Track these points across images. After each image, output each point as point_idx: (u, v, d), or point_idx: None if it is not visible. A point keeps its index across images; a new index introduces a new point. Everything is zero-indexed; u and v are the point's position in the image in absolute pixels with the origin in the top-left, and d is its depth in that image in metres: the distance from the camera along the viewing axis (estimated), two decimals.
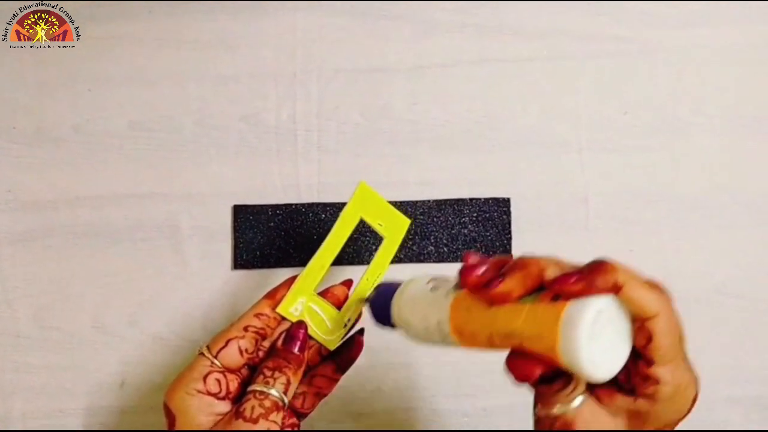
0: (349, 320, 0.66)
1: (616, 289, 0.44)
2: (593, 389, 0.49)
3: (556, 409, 0.48)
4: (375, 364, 0.81)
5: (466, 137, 0.83)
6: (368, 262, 0.76)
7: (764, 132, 0.84)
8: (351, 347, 0.65)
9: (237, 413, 0.56)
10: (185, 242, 0.82)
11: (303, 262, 0.79)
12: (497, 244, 0.82)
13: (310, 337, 0.63)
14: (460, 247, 0.82)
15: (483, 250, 0.82)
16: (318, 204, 0.82)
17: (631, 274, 0.45)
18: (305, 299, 0.63)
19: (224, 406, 0.59)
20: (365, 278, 0.67)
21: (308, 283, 0.63)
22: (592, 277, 0.44)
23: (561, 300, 0.44)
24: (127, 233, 0.81)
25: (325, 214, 0.82)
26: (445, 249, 0.82)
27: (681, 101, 0.84)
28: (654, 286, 0.45)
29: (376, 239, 0.75)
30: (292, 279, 0.63)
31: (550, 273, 0.46)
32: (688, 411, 0.48)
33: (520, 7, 0.84)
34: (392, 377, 0.82)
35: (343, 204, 0.64)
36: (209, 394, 0.58)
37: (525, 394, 0.53)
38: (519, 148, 0.83)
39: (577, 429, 0.47)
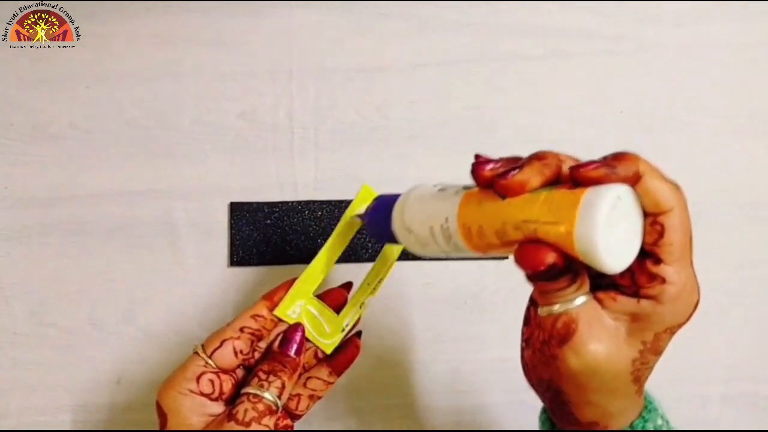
0: (347, 324, 0.64)
1: (635, 179, 0.43)
2: (595, 292, 0.47)
3: (558, 307, 0.46)
4: (369, 361, 0.80)
5: (463, 136, 0.83)
6: (366, 260, 0.75)
7: (760, 131, 0.84)
8: (347, 350, 0.63)
9: (229, 415, 0.55)
10: (182, 239, 0.80)
11: (299, 260, 0.79)
12: None
13: (307, 340, 0.61)
14: None
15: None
16: (314, 202, 0.81)
17: (652, 166, 0.44)
18: (304, 302, 0.61)
19: (217, 407, 0.57)
20: (366, 282, 0.65)
21: (307, 286, 0.62)
22: (613, 164, 0.42)
23: (580, 188, 0.42)
24: (124, 230, 0.80)
25: (322, 211, 0.80)
26: (441, 256, 0.80)
27: (676, 100, 0.84)
28: (672, 181, 0.44)
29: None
30: (291, 281, 0.62)
31: (569, 164, 0.44)
32: (690, 316, 0.47)
33: (516, 6, 0.83)
34: (386, 374, 0.81)
35: (340, 202, 0.63)
36: (202, 394, 0.57)
37: (520, 392, 0.51)
38: (516, 146, 0.80)
39: (579, 327, 0.45)
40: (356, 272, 0.67)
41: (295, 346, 0.59)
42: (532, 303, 0.49)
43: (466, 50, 0.83)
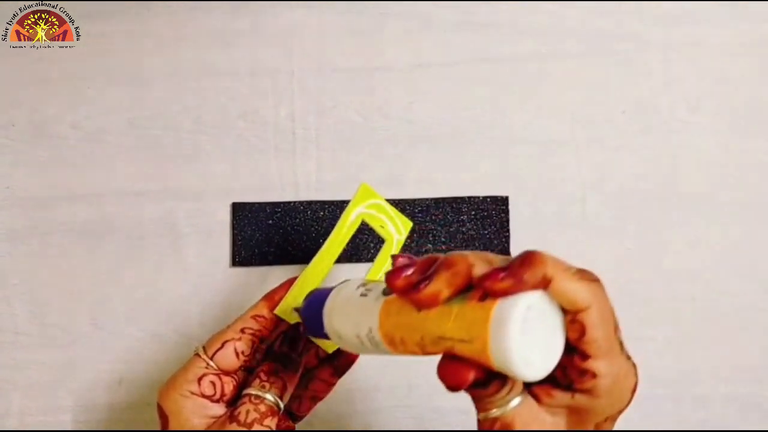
0: None
1: (545, 283, 0.41)
2: (530, 387, 0.46)
3: (494, 412, 0.45)
4: (372, 361, 0.79)
5: (464, 135, 0.82)
6: (367, 260, 0.74)
7: (761, 130, 0.83)
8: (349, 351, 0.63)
9: (231, 417, 0.55)
10: (183, 239, 0.80)
11: (301, 260, 0.78)
12: (495, 242, 0.80)
13: (309, 340, 0.60)
14: (458, 245, 0.80)
15: (481, 247, 0.80)
16: (316, 202, 0.80)
17: (560, 266, 0.42)
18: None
19: (218, 409, 0.57)
20: (366, 279, 0.64)
21: (307, 285, 0.61)
22: (519, 273, 0.41)
23: (490, 299, 0.41)
24: (126, 230, 0.80)
25: (323, 211, 0.80)
26: (444, 247, 0.80)
27: (678, 100, 0.83)
28: (585, 276, 0.42)
29: (376, 236, 0.73)
30: (291, 280, 0.61)
31: (478, 270, 0.43)
32: (629, 402, 0.46)
33: (517, 6, 0.83)
34: (390, 375, 0.80)
35: (342, 202, 0.63)
36: (203, 396, 0.57)
37: None
38: (517, 146, 0.82)
39: (516, 429, 0.44)
40: (359, 272, 0.66)
41: (296, 346, 0.59)
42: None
43: (467, 50, 0.83)
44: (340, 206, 0.79)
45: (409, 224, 0.66)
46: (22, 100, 0.80)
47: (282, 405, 0.57)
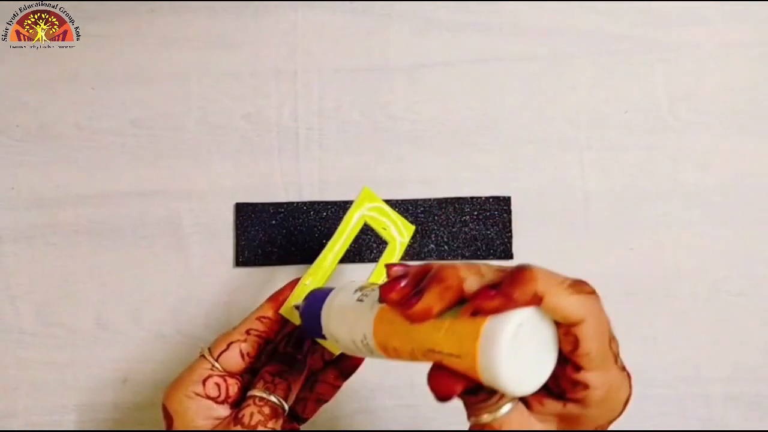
0: None
1: (536, 300, 0.40)
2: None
3: (485, 418, 0.45)
4: (375, 360, 0.78)
5: (467, 136, 0.81)
6: (371, 260, 0.73)
7: (763, 130, 0.83)
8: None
9: (235, 419, 0.54)
10: (187, 240, 0.79)
11: (304, 260, 0.78)
12: (497, 242, 0.80)
13: (314, 342, 0.59)
14: (460, 245, 0.80)
15: (483, 248, 0.79)
16: (319, 202, 0.79)
17: (552, 281, 0.41)
18: None
19: (223, 410, 0.56)
20: (370, 282, 0.64)
21: (311, 286, 0.60)
22: (510, 291, 0.40)
23: (480, 315, 0.41)
24: (130, 231, 0.79)
25: (327, 212, 0.79)
26: (446, 247, 0.79)
27: (680, 100, 0.83)
28: (579, 289, 0.42)
29: (380, 237, 0.72)
30: (296, 281, 0.60)
31: (470, 285, 0.42)
32: (620, 412, 0.46)
33: (520, 6, 0.82)
34: (393, 374, 0.79)
35: (345, 202, 0.62)
36: (208, 397, 0.56)
37: None
38: (519, 146, 0.81)
39: None
40: (361, 272, 0.66)
41: (301, 348, 0.58)
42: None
43: (470, 50, 0.82)
44: (343, 207, 0.78)
45: (412, 228, 0.66)
46: (26, 101, 0.80)
47: (286, 407, 0.56)
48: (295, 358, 0.58)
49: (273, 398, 0.55)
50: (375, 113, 0.81)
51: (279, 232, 0.79)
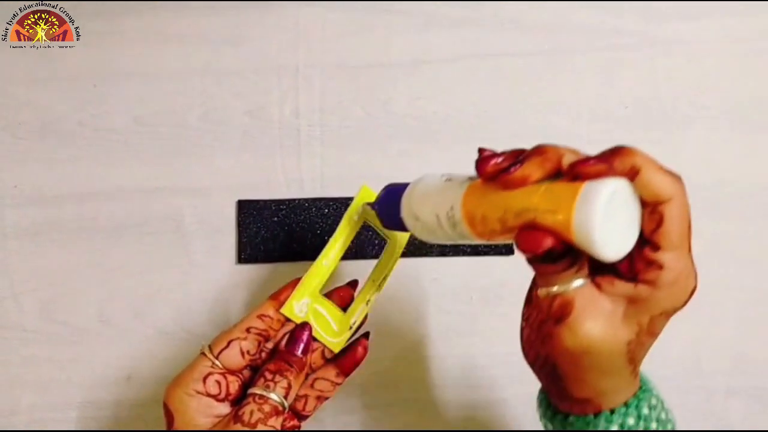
0: (354, 322, 0.62)
1: (633, 173, 0.43)
2: (593, 276, 0.47)
3: (556, 288, 0.46)
4: (381, 357, 0.79)
5: (468, 131, 0.81)
6: (372, 257, 0.73)
7: (765, 125, 0.82)
8: (355, 351, 0.61)
9: (236, 417, 0.54)
10: (190, 236, 0.79)
11: (306, 256, 0.77)
12: None
13: (315, 339, 0.59)
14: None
15: (485, 244, 0.78)
16: (321, 199, 0.79)
17: (649, 158, 0.43)
18: (310, 300, 0.60)
19: (224, 408, 0.56)
20: (371, 279, 0.64)
21: (313, 284, 0.60)
22: (610, 160, 0.43)
23: (579, 180, 0.43)
24: (132, 228, 0.79)
25: (328, 208, 0.79)
26: (447, 243, 0.79)
27: (682, 95, 0.82)
28: (670, 172, 0.44)
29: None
30: (297, 280, 0.60)
31: (568, 158, 0.44)
32: (686, 301, 0.47)
33: (521, 3, 0.82)
34: (398, 370, 0.79)
35: (347, 198, 0.62)
36: (209, 395, 0.56)
37: (530, 385, 0.54)
38: (521, 142, 0.79)
39: (575, 308, 0.46)
40: (363, 269, 0.65)
41: (302, 346, 0.58)
42: (534, 283, 0.49)
43: (471, 46, 0.82)
44: (345, 203, 0.78)
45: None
46: (29, 99, 0.80)
47: (287, 404, 0.56)
48: (295, 356, 0.57)
49: (273, 396, 0.55)
50: (376, 109, 0.81)
51: (281, 229, 0.79)
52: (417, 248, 0.79)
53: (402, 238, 0.65)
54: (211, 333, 0.60)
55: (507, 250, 0.79)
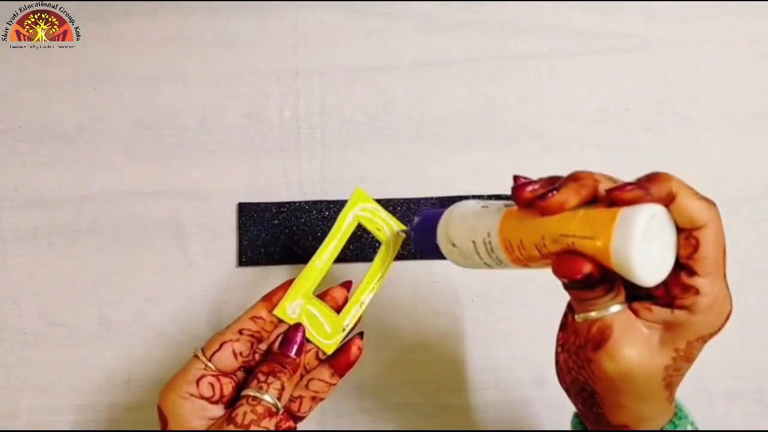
0: (348, 324, 0.61)
1: (669, 199, 0.43)
2: (630, 303, 0.47)
3: (595, 314, 0.46)
4: (378, 358, 0.78)
5: (468, 134, 0.81)
6: (367, 259, 0.73)
7: (764, 127, 0.82)
8: (349, 351, 0.61)
9: (229, 419, 0.53)
10: (190, 240, 0.79)
11: (307, 259, 0.76)
12: None
13: (308, 341, 0.59)
14: None
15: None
16: (321, 201, 0.79)
17: (685, 184, 0.44)
18: (303, 302, 0.59)
19: (217, 410, 0.56)
20: (365, 281, 0.63)
21: (306, 285, 0.60)
22: (647, 186, 0.43)
23: (616, 206, 0.43)
24: (132, 231, 0.79)
25: (329, 211, 0.78)
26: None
27: (682, 97, 0.82)
28: (706, 198, 0.45)
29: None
30: (290, 282, 0.60)
31: (605, 185, 0.45)
32: (722, 326, 0.47)
33: (521, 4, 0.82)
34: (397, 373, 0.79)
35: (346, 201, 0.62)
36: (202, 397, 0.55)
37: (531, 389, 0.53)
38: (521, 144, 0.81)
39: (614, 333, 0.46)
40: (363, 271, 0.65)
41: (295, 347, 0.58)
42: (570, 309, 0.50)
43: (470, 48, 0.82)
44: (344, 206, 0.77)
45: (403, 227, 0.65)
46: (28, 101, 0.80)
47: (281, 406, 0.55)
48: (288, 357, 0.57)
49: (267, 397, 0.54)
50: (376, 112, 0.81)
51: (281, 232, 0.78)
52: (417, 251, 0.78)
53: (397, 240, 0.64)
54: (211, 336, 0.60)
55: None
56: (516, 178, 0.48)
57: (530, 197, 0.46)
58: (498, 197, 0.78)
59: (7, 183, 0.79)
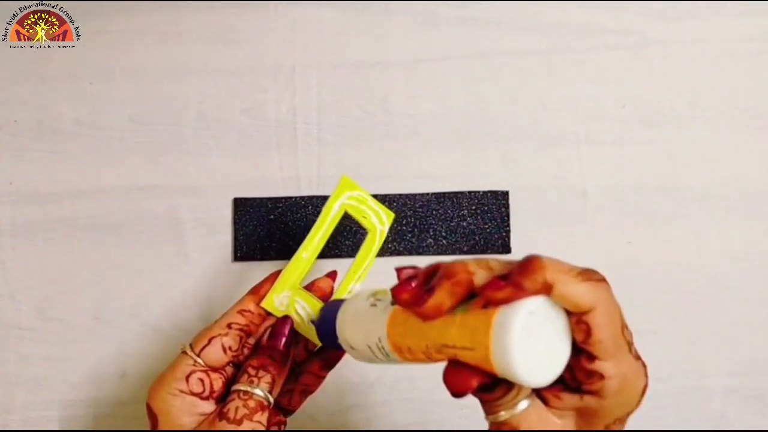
0: None
1: (546, 289, 0.39)
2: (539, 390, 0.45)
3: (502, 415, 0.44)
4: None
5: (465, 130, 0.80)
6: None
7: (762, 125, 0.81)
8: None
9: (220, 414, 0.53)
10: (186, 235, 0.78)
11: None
12: (496, 236, 0.78)
13: (297, 333, 0.58)
14: (459, 239, 0.78)
15: (482, 242, 0.78)
16: (318, 197, 0.78)
17: (561, 269, 0.40)
18: (290, 293, 0.59)
19: (208, 406, 0.55)
20: (351, 270, 0.63)
21: (293, 277, 0.60)
22: (519, 280, 0.39)
23: (491, 306, 0.40)
24: (128, 226, 0.78)
25: None
26: (444, 242, 0.78)
27: (679, 94, 0.81)
28: (588, 276, 0.41)
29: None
30: (276, 274, 0.60)
31: (479, 279, 0.42)
32: (638, 403, 0.45)
33: (519, 2, 0.81)
34: (391, 369, 0.78)
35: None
36: (192, 394, 0.55)
37: None
38: (517, 141, 0.80)
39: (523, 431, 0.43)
40: (342, 265, 0.65)
41: (283, 339, 0.57)
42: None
43: (468, 45, 0.81)
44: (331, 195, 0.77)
45: (392, 215, 0.65)
46: (24, 96, 0.79)
47: (272, 399, 0.55)
48: (278, 350, 0.56)
49: (257, 391, 0.54)
50: (373, 108, 0.80)
51: (277, 227, 0.78)
52: (413, 247, 0.78)
53: (382, 231, 0.64)
54: (199, 331, 0.59)
55: (504, 249, 0.78)
56: (398, 271, 0.46)
57: (407, 300, 0.44)
58: (494, 194, 0.78)
59: (3, 177, 0.78)
